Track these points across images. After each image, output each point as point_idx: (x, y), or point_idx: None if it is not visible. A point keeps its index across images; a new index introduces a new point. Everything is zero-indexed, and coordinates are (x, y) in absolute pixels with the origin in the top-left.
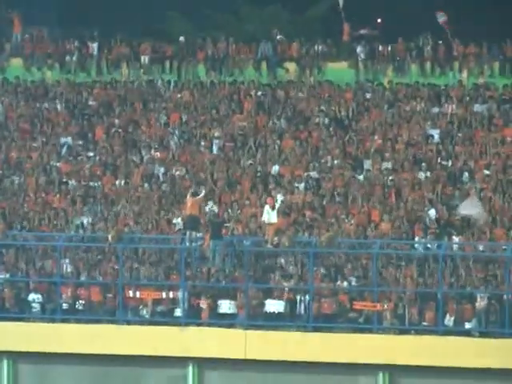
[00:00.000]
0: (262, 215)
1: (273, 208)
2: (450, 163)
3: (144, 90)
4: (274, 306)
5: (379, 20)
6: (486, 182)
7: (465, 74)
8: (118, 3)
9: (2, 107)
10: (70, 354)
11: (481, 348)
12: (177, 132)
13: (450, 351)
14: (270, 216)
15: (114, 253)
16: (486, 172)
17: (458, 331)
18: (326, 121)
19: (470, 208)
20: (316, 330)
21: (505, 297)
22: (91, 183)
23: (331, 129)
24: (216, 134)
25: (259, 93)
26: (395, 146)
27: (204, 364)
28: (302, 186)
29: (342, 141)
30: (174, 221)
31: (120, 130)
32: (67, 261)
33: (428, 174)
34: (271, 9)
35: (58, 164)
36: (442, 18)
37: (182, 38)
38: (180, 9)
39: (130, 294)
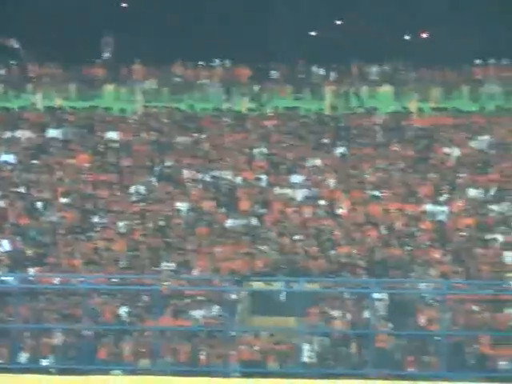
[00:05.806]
0: None
1: None
2: (25, 191)
3: None
4: None
5: None
6: (64, 211)
7: (39, 97)
8: None
9: None
10: None
11: None
12: None
13: None
14: None
15: None
16: (64, 200)
17: (35, 368)
18: None
19: None
20: None
21: (84, 332)
22: None
23: None
24: None
25: None
26: None
27: None
28: None
29: None
30: None
31: None
32: None
33: (2, 202)
34: None
35: None
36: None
37: None
38: None
39: None
